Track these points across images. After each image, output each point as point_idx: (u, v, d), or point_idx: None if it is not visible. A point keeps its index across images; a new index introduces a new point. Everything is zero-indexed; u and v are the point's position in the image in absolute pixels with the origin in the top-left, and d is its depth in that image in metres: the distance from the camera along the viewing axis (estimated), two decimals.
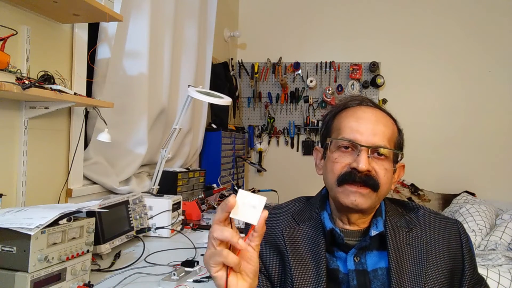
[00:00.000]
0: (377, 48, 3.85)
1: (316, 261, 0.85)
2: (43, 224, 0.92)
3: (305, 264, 0.86)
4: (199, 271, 1.28)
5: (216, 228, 0.64)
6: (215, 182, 2.68)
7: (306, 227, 0.91)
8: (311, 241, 0.88)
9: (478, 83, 3.69)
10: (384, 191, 0.86)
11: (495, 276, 2.00)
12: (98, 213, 1.31)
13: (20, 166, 1.44)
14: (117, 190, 1.92)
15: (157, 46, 2.25)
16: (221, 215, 0.64)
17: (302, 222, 0.92)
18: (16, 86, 1.18)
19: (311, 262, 0.85)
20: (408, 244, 0.87)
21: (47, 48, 1.55)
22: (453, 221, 0.94)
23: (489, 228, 2.59)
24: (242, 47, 4.18)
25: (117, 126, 1.98)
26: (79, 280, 1.05)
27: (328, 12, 3.97)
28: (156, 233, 1.69)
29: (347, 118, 0.90)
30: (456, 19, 3.72)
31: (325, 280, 0.83)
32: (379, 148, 0.85)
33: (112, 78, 1.94)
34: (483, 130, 3.67)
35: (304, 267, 0.85)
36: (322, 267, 0.84)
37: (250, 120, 4.10)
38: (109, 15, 1.50)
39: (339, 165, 0.86)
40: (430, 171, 3.69)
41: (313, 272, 0.84)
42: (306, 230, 0.90)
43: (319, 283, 0.83)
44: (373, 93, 3.86)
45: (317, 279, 0.83)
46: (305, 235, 0.90)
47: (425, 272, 0.83)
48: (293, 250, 0.88)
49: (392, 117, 0.93)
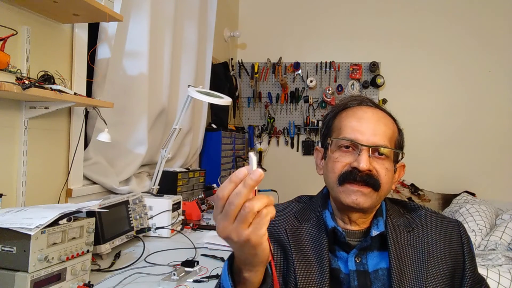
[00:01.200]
0: (377, 48, 3.85)
1: (319, 260, 0.85)
2: (43, 224, 0.92)
3: (308, 263, 0.85)
4: (199, 271, 1.28)
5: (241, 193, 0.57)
6: (215, 182, 2.69)
7: (309, 226, 0.91)
8: (315, 240, 0.88)
9: (478, 83, 3.69)
10: (385, 191, 0.86)
11: (495, 276, 2.00)
12: (98, 213, 1.31)
13: (20, 166, 1.44)
14: (117, 190, 1.92)
15: (157, 46, 2.24)
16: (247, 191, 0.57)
17: (305, 221, 0.92)
18: (16, 86, 1.18)
19: (314, 261, 0.85)
20: (409, 245, 0.87)
21: (47, 48, 1.55)
22: (454, 221, 0.94)
23: (489, 228, 2.59)
24: (242, 47, 4.18)
25: (117, 126, 1.98)
26: (79, 280, 1.05)
27: (328, 12, 3.97)
28: (156, 233, 1.69)
29: (348, 118, 0.90)
30: (456, 19, 3.72)
31: (328, 279, 0.83)
32: (380, 147, 0.85)
33: (112, 78, 1.94)
34: (483, 130, 3.68)
35: (307, 266, 0.85)
36: (325, 267, 0.84)
37: (250, 120, 4.10)
38: (109, 15, 1.50)
39: (340, 164, 0.86)
40: (430, 171, 3.69)
41: (317, 271, 0.84)
42: (310, 229, 0.90)
43: (322, 282, 0.83)
44: (373, 93, 3.86)
45: (321, 278, 0.83)
46: (308, 234, 0.90)
47: (426, 272, 0.83)
48: (296, 249, 0.87)
49: (392, 117, 0.94)
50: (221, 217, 0.59)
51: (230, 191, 0.58)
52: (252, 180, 0.56)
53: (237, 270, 0.68)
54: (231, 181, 0.58)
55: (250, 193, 0.57)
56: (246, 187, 0.57)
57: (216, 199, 0.60)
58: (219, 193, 0.59)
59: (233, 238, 0.59)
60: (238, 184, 0.57)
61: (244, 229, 0.58)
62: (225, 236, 0.60)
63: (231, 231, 0.59)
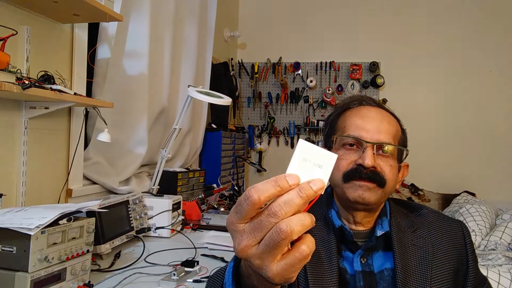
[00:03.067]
0: (377, 48, 3.85)
1: (328, 259, 0.84)
2: (43, 224, 0.92)
3: (320, 262, 0.85)
4: (199, 271, 1.28)
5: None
6: (215, 182, 2.68)
7: (318, 225, 0.90)
8: (324, 239, 0.88)
9: (478, 83, 3.69)
10: (390, 188, 0.86)
11: (495, 276, 2.00)
12: (98, 213, 1.31)
13: (20, 166, 1.44)
14: (117, 190, 1.92)
15: (157, 46, 2.24)
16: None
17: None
18: (16, 86, 1.18)
19: (325, 260, 0.84)
20: (413, 245, 0.87)
21: (47, 48, 1.55)
22: (457, 221, 0.95)
23: (489, 228, 2.59)
24: (242, 47, 4.18)
25: (117, 126, 1.98)
26: (79, 280, 1.05)
27: (328, 12, 3.97)
28: (156, 233, 1.69)
29: (352, 117, 0.90)
30: (456, 19, 3.72)
31: (337, 278, 0.82)
32: (384, 144, 0.85)
33: (112, 78, 1.93)
34: (483, 130, 3.67)
35: (318, 265, 0.84)
36: (334, 266, 0.83)
37: (250, 120, 4.10)
38: (109, 15, 1.50)
39: (344, 162, 0.86)
40: (430, 171, 3.69)
41: (327, 271, 0.83)
42: (319, 228, 0.90)
43: (331, 282, 0.82)
44: (373, 93, 3.86)
45: (330, 278, 0.83)
46: (318, 233, 0.89)
47: (430, 273, 0.84)
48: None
49: (395, 116, 0.94)
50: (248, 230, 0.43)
51: (272, 196, 0.42)
52: (312, 190, 0.42)
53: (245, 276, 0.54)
54: (276, 183, 0.42)
55: (304, 206, 0.43)
56: (302, 197, 0.42)
57: (243, 202, 0.42)
58: (252, 195, 0.41)
59: (255, 266, 0.44)
60: (287, 190, 0.42)
61: (271, 262, 0.42)
62: (243, 256, 0.44)
63: (253, 255, 0.43)
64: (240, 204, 0.43)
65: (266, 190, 0.42)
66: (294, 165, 0.45)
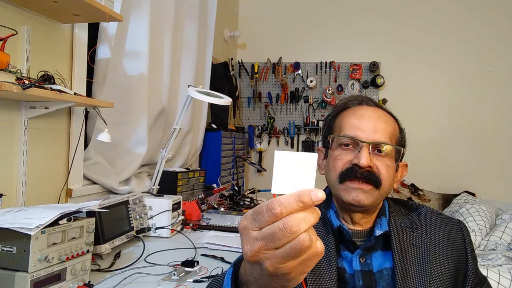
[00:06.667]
0: (377, 48, 3.86)
1: (327, 259, 0.84)
2: (43, 224, 0.92)
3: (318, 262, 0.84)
4: (199, 271, 1.28)
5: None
6: (215, 182, 2.68)
7: (317, 225, 0.90)
8: (322, 239, 0.87)
9: (478, 83, 3.69)
10: (386, 189, 0.86)
11: (495, 276, 2.00)
12: (98, 213, 1.31)
13: (20, 166, 1.44)
14: (117, 190, 1.92)
15: (157, 46, 2.24)
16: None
17: None
18: (16, 86, 1.18)
19: (324, 260, 0.84)
20: (412, 244, 0.87)
21: (47, 48, 1.55)
22: (456, 221, 0.94)
23: (489, 228, 2.59)
24: (242, 47, 4.18)
25: (117, 126, 1.98)
26: (79, 280, 1.05)
27: (328, 12, 3.97)
28: (156, 233, 1.69)
29: (349, 117, 0.90)
30: (456, 19, 3.72)
31: (336, 278, 0.82)
32: (380, 144, 0.85)
33: (112, 78, 1.94)
34: (483, 130, 3.67)
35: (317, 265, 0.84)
36: (333, 266, 0.83)
37: (250, 120, 4.10)
38: (109, 15, 1.50)
39: (340, 161, 0.86)
40: (430, 171, 3.69)
41: (325, 271, 0.83)
42: (317, 228, 0.89)
43: (330, 281, 0.82)
44: (373, 93, 3.86)
45: (329, 278, 0.82)
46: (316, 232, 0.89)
47: (429, 272, 0.83)
48: None
49: (393, 115, 0.94)
50: (261, 237, 0.46)
51: (293, 211, 0.44)
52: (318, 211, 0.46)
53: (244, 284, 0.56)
54: (299, 199, 0.44)
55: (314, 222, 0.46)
56: (315, 216, 0.45)
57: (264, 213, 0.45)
58: (275, 209, 0.44)
59: (266, 267, 0.47)
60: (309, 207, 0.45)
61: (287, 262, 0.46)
62: (254, 260, 0.47)
63: (266, 259, 0.46)
64: (261, 213, 0.46)
65: (289, 205, 0.44)
66: (277, 177, 0.46)
